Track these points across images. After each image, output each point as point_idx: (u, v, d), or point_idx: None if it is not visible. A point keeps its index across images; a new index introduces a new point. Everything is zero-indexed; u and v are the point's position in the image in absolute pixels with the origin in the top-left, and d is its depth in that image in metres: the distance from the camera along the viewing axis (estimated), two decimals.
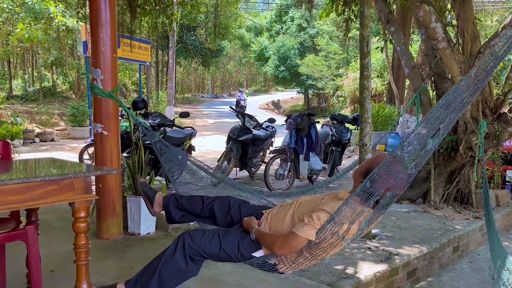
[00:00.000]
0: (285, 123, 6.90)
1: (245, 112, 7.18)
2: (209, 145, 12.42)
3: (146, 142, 5.47)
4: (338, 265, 3.57)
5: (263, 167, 6.97)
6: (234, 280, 2.96)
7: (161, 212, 2.68)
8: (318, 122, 7.64)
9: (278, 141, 7.96)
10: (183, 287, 2.84)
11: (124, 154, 5.86)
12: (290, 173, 6.68)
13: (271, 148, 7.36)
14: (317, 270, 3.45)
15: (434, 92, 6.00)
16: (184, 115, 6.73)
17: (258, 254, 2.22)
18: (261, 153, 7.43)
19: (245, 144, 6.74)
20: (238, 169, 7.04)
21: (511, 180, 6.65)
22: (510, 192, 6.35)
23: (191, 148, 7.04)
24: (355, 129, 8.71)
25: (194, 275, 2.29)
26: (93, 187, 3.77)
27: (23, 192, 1.86)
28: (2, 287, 2.49)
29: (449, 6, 6.17)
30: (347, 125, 7.96)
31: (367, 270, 3.52)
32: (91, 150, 7.21)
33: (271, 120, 7.35)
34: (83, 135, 13.14)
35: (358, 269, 3.54)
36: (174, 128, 6.63)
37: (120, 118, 7.13)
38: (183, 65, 34.94)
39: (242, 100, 23.37)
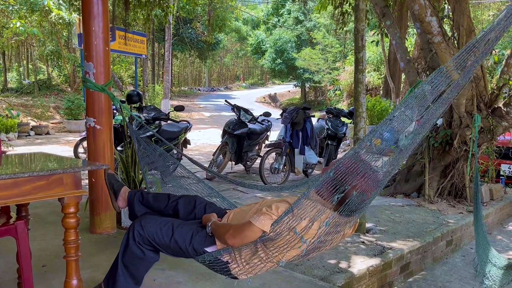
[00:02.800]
0: (280, 117, 6.88)
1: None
2: (205, 139, 12.40)
3: (140, 136, 5.44)
4: (331, 259, 3.59)
5: (258, 161, 6.96)
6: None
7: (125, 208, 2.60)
8: (314, 116, 7.63)
9: (273, 135, 7.95)
10: (175, 282, 2.85)
11: (119, 148, 5.84)
12: (285, 167, 6.68)
13: (266, 142, 7.35)
14: (310, 264, 3.46)
15: None
16: (179, 108, 6.71)
17: (211, 249, 2.11)
18: (257, 147, 7.42)
19: (240, 138, 6.72)
20: (233, 163, 7.03)
21: (505, 174, 6.68)
22: (504, 186, 6.38)
23: (186, 142, 7.02)
24: (350, 123, 8.69)
25: (157, 260, 2.22)
26: (87, 181, 3.79)
27: (11, 187, 1.84)
28: None
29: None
30: (342, 119, 7.95)
31: (360, 264, 3.54)
32: (86, 143, 7.18)
33: (267, 114, 7.33)
34: (78, 128, 13.09)
35: (351, 263, 3.56)
36: (169, 121, 6.60)
37: (115, 111, 7.11)
38: (179, 58, 34.78)
39: None
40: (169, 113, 6.87)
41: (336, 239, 2.11)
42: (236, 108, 6.88)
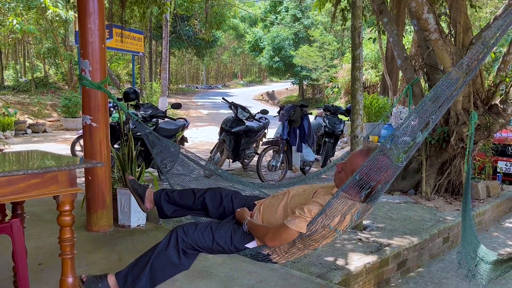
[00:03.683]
0: (277, 114, 6.88)
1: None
2: (203, 136, 12.39)
3: (137, 134, 5.43)
4: (328, 257, 3.59)
5: (256, 158, 6.96)
6: (223, 272, 2.97)
7: (153, 208, 2.66)
8: (311, 113, 7.63)
9: (271, 133, 7.95)
10: (172, 280, 2.84)
11: (116, 146, 5.83)
12: (282, 165, 6.68)
13: (264, 140, 7.34)
14: (307, 261, 3.46)
15: (427, 83, 6.00)
16: (176, 106, 6.69)
17: (251, 245, 2.23)
18: (254, 145, 7.41)
19: (238, 135, 6.71)
20: (231, 160, 7.02)
21: (502, 171, 6.70)
22: (501, 183, 6.40)
23: (183, 140, 7.00)
24: (348, 120, 8.71)
25: (186, 269, 2.29)
26: (83, 179, 3.77)
27: (5, 185, 1.83)
28: None
29: None
30: (340, 116, 7.95)
31: (357, 261, 3.54)
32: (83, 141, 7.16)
33: (264, 112, 7.32)
34: (75, 126, 13.06)
35: (348, 260, 3.56)
36: (166, 119, 6.59)
37: (112, 109, 7.07)
38: (177, 55, 34.69)
39: None
40: (166, 110, 6.85)
41: (362, 218, 2.38)
42: (233, 106, 6.87)
